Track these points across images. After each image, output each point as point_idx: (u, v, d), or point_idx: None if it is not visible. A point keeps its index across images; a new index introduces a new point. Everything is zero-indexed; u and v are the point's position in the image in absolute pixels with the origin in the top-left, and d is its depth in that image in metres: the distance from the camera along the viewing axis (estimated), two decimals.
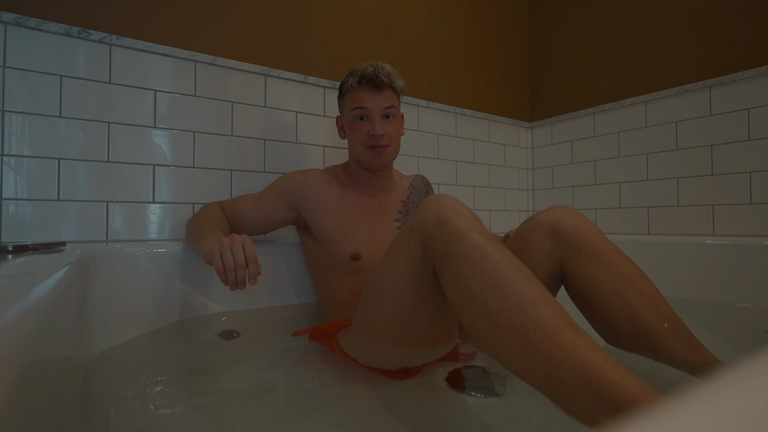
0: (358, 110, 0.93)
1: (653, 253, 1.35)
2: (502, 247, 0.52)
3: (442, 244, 0.55)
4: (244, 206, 1.01)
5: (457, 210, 0.57)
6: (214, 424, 0.55)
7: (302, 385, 0.66)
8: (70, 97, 1.00)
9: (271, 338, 0.91)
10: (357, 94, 0.93)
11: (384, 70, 0.93)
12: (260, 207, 1.00)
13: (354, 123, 0.95)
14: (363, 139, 0.93)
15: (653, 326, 0.63)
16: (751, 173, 1.31)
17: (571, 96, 1.84)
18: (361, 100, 0.92)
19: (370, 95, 0.92)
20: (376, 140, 0.92)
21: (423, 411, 0.58)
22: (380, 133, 0.91)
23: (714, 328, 0.99)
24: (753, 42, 1.31)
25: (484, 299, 0.48)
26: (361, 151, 0.95)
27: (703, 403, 0.13)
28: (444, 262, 0.55)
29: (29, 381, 0.28)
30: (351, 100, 0.94)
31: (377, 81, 0.91)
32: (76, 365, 0.63)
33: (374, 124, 0.92)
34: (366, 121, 0.93)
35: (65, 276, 0.55)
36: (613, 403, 0.38)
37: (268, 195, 1.01)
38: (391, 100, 0.94)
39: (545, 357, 0.42)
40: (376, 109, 0.92)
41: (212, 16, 1.20)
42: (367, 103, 0.92)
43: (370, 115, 0.93)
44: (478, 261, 0.50)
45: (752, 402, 0.13)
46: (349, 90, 0.95)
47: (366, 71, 0.92)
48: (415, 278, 0.62)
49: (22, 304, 0.32)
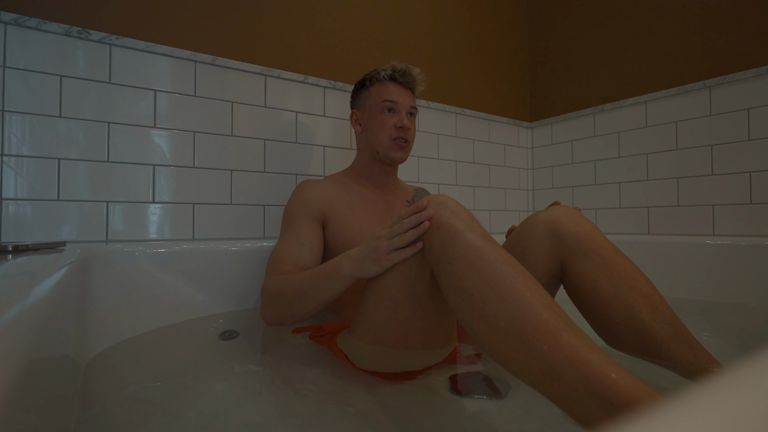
0: (387, 102, 0.95)
1: (653, 253, 1.35)
2: (499, 247, 0.52)
3: (438, 245, 0.55)
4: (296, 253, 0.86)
5: (453, 210, 0.57)
6: (213, 423, 0.55)
7: (301, 386, 0.66)
8: (70, 97, 1.00)
9: (271, 339, 0.91)
10: (387, 87, 0.96)
11: (414, 69, 0.98)
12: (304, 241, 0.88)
13: (380, 114, 0.96)
14: (390, 130, 0.95)
15: (652, 326, 0.63)
16: (751, 173, 1.31)
17: (571, 96, 1.84)
18: (391, 93, 0.95)
19: (399, 90, 0.96)
20: (402, 132, 0.95)
21: (424, 414, 0.58)
22: (408, 126, 0.94)
23: (714, 328, 0.99)
24: (753, 42, 1.31)
25: (482, 301, 0.48)
26: (385, 142, 0.96)
27: (703, 403, 0.13)
28: (441, 264, 0.54)
29: (29, 381, 0.28)
30: (380, 92, 0.96)
31: (408, 77, 0.97)
32: (76, 365, 0.63)
33: (402, 117, 0.95)
34: (393, 113, 0.96)
35: (65, 276, 0.55)
36: (613, 403, 0.38)
37: (298, 225, 0.89)
38: (414, 100, 0.99)
39: (545, 358, 0.42)
40: (404, 105, 0.96)
41: (212, 16, 1.20)
42: (397, 97, 0.95)
43: (398, 109, 0.95)
44: (474, 262, 0.50)
45: (752, 402, 0.13)
46: (380, 82, 0.98)
47: (398, 67, 0.96)
48: (412, 280, 0.62)
49: (22, 304, 0.32)
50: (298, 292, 0.73)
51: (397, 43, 1.58)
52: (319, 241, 0.90)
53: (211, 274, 1.03)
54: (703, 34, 1.42)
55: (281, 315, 0.76)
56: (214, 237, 1.18)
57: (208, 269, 1.03)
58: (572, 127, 1.83)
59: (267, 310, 0.78)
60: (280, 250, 0.87)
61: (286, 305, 0.75)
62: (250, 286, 1.08)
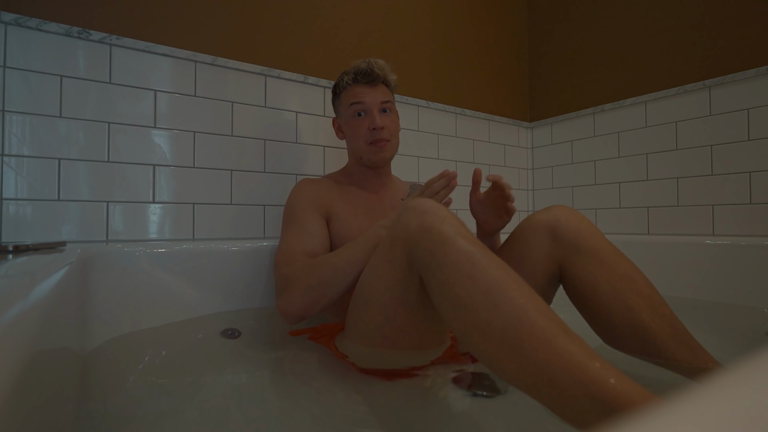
0: (355, 105, 0.93)
1: (653, 253, 1.35)
2: (490, 252, 0.51)
3: (427, 252, 0.53)
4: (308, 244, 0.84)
5: (439, 215, 0.55)
6: (213, 421, 0.55)
7: (302, 385, 0.66)
8: (70, 97, 1.00)
9: (273, 338, 0.91)
10: (353, 90, 0.94)
11: (377, 64, 0.94)
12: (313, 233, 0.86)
13: (353, 120, 0.94)
14: (364, 134, 0.93)
15: (652, 327, 0.63)
16: (751, 173, 1.31)
17: (571, 96, 1.84)
18: (357, 95, 0.93)
19: (365, 90, 0.93)
20: (377, 134, 0.92)
21: (425, 412, 0.58)
22: (380, 125, 0.91)
23: (714, 328, 0.99)
24: (753, 42, 1.31)
25: (475, 308, 0.47)
26: (363, 147, 0.94)
27: (702, 404, 0.13)
28: (430, 271, 0.53)
29: (29, 381, 0.28)
30: (348, 97, 0.95)
31: (372, 75, 0.92)
32: (76, 364, 0.63)
33: (373, 117, 0.92)
34: (365, 116, 0.93)
35: (65, 276, 0.55)
36: (612, 409, 0.37)
37: (303, 219, 0.88)
38: (386, 94, 0.95)
39: (541, 365, 0.41)
40: (374, 104, 0.93)
41: (212, 16, 1.20)
42: (364, 98, 0.92)
43: (368, 109, 0.93)
44: (466, 268, 0.49)
45: (752, 403, 0.13)
46: (345, 88, 0.95)
47: (360, 66, 0.93)
48: (402, 287, 0.61)
49: (22, 304, 0.32)
50: (335, 268, 0.73)
51: (397, 42, 1.58)
52: (326, 234, 0.89)
53: (212, 274, 1.03)
54: (703, 34, 1.42)
55: (313, 298, 0.74)
56: (214, 237, 1.18)
57: (209, 269, 1.03)
58: (572, 127, 1.83)
59: (292, 298, 0.75)
60: (289, 244, 0.84)
61: (320, 284, 0.74)
62: (251, 286, 1.09)
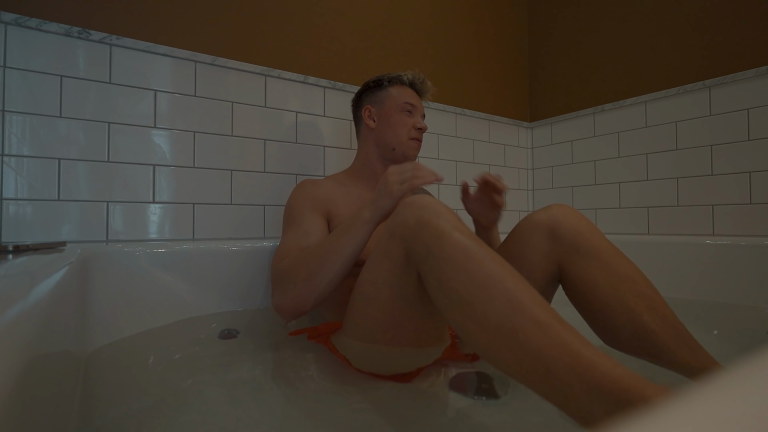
0: (408, 104, 1.01)
1: (653, 253, 1.35)
2: (486, 246, 0.52)
3: (424, 246, 0.54)
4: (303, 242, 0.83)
5: (436, 210, 0.56)
6: (212, 421, 0.55)
7: (301, 385, 0.66)
8: (70, 97, 1.00)
9: (271, 338, 0.91)
10: (408, 90, 1.03)
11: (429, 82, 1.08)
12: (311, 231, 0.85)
13: (401, 114, 1.01)
14: (410, 129, 1.01)
15: (652, 328, 0.63)
16: (751, 173, 1.31)
17: (571, 96, 1.84)
18: (411, 97, 1.02)
19: (416, 96, 1.05)
20: (419, 134, 1.02)
21: (423, 414, 0.58)
22: (426, 127, 1.02)
23: (714, 328, 0.99)
24: (753, 42, 1.31)
25: (471, 301, 0.48)
26: (404, 140, 1.00)
27: (703, 403, 0.13)
28: (427, 265, 0.54)
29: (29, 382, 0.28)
30: (402, 94, 1.02)
31: (425, 87, 1.06)
32: (77, 364, 0.63)
33: (419, 119, 1.02)
34: (411, 115, 1.02)
35: (65, 276, 0.55)
36: (606, 395, 0.38)
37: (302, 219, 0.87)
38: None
39: (537, 355, 0.42)
40: (420, 110, 1.04)
41: (212, 16, 1.20)
42: (416, 102, 1.03)
43: (416, 112, 1.03)
44: (461, 262, 0.50)
45: (752, 403, 0.13)
46: (401, 84, 1.04)
47: (418, 76, 1.05)
48: (400, 282, 0.61)
49: (22, 304, 0.32)
50: (321, 258, 0.71)
51: (397, 43, 1.58)
52: (325, 232, 0.88)
53: (211, 274, 1.03)
54: (703, 34, 1.42)
55: (303, 292, 0.72)
56: (214, 237, 1.18)
57: (208, 269, 1.03)
58: (572, 127, 1.83)
59: (285, 294, 0.73)
60: (285, 243, 0.83)
61: (309, 277, 0.71)
62: (251, 286, 1.09)
